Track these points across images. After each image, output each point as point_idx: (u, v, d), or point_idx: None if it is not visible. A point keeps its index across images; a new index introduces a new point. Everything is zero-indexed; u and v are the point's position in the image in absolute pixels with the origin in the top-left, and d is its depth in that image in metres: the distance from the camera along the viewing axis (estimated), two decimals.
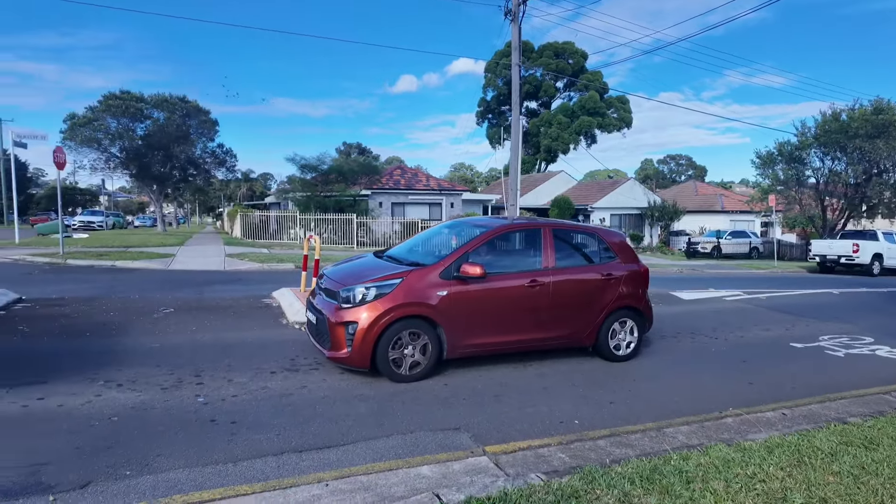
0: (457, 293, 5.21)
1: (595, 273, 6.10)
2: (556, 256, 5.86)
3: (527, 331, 5.67)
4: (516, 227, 6.39)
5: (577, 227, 6.81)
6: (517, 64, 17.48)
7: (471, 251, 5.45)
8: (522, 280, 5.60)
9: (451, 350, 5.27)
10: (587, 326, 5.99)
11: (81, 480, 3.03)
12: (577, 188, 41.24)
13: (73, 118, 30.74)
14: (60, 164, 14.44)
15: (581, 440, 3.99)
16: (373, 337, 4.89)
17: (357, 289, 5.09)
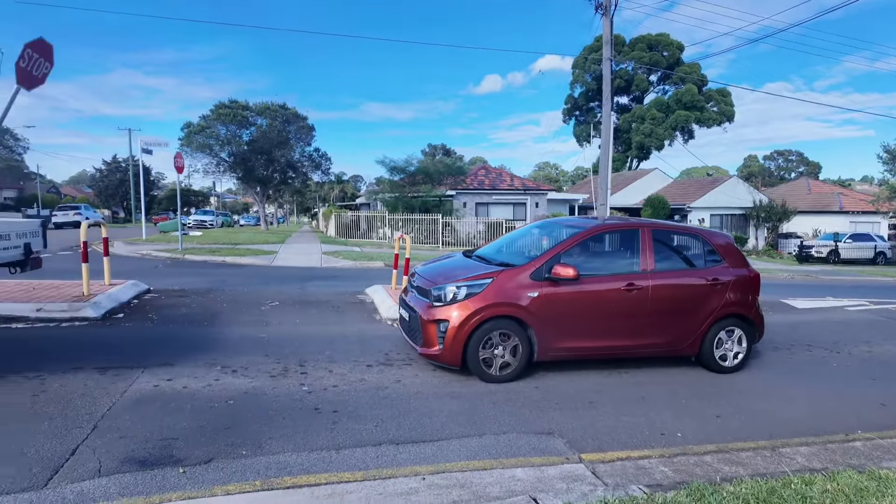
0: (548, 295, 5.13)
1: (699, 278, 5.73)
2: (655, 259, 5.57)
3: (622, 337, 5.46)
4: (612, 227, 6.17)
5: (678, 228, 6.37)
6: (608, 58, 16.88)
7: (563, 252, 5.34)
8: (618, 283, 5.38)
9: (542, 352, 5.19)
10: (689, 335, 5.65)
11: (206, 456, 3.34)
12: (673, 186, 39.05)
13: (188, 126, 33.98)
14: (180, 168, 16.01)
15: (685, 454, 3.78)
16: (463, 335, 4.94)
17: (448, 287, 5.17)
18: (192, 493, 2.90)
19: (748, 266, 6.05)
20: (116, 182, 54.36)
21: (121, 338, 6.00)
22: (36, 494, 2.81)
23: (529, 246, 6.40)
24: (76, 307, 6.74)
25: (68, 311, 6.65)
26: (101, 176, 56.26)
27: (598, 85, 45.01)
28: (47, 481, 2.94)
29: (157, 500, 2.82)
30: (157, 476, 3.06)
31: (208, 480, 3.05)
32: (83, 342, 5.73)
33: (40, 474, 3.00)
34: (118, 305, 7.40)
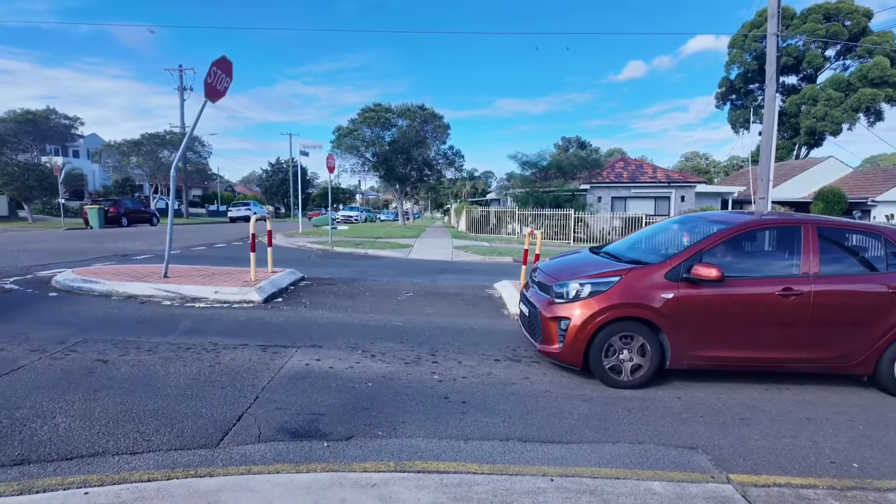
0: (685, 297, 4.70)
1: (877, 284, 4.87)
2: (820, 261, 4.85)
3: (774, 348, 4.83)
4: (767, 223, 5.46)
5: (852, 226, 5.43)
6: (774, 34, 14.90)
7: (705, 250, 4.85)
8: (772, 287, 4.76)
9: (675, 360, 4.79)
10: (861, 350, 4.83)
11: (347, 433, 3.62)
12: (852, 177, 33.42)
13: (339, 129, 37.07)
14: (331, 168, 17.54)
15: (863, 489, 3.22)
16: (586, 335, 4.73)
17: (571, 284, 4.96)
18: (334, 467, 3.15)
19: None
20: (279, 181, 61.38)
21: (279, 320, 6.74)
22: (210, 452, 3.27)
23: (667, 243, 5.88)
24: (244, 291, 7.72)
25: (238, 294, 7.65)
26: (266, 176, 63.97)
27: (759, 65, 40.14)
28: (219, 441, 3.40)
29: (305, 469, 3.11)
30: (305, 447, 3.38)
31: (348, 456, 3.30)
32: (249, 322, 6.55)
33: (214, 434, 3.48)
34: (278, 291, 8.34)
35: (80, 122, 36.60)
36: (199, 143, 42.02)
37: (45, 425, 3.46)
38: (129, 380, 4.34)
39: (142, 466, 3.04)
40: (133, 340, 5.43)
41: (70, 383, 4.19)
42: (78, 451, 3.16)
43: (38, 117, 33.34)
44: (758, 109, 32.95)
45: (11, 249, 13.34)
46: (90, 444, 3.26)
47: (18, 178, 27.84)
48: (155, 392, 4.11)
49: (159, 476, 2.93)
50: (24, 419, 3.53)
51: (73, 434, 3.37)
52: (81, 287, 7.80)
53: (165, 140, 38.90)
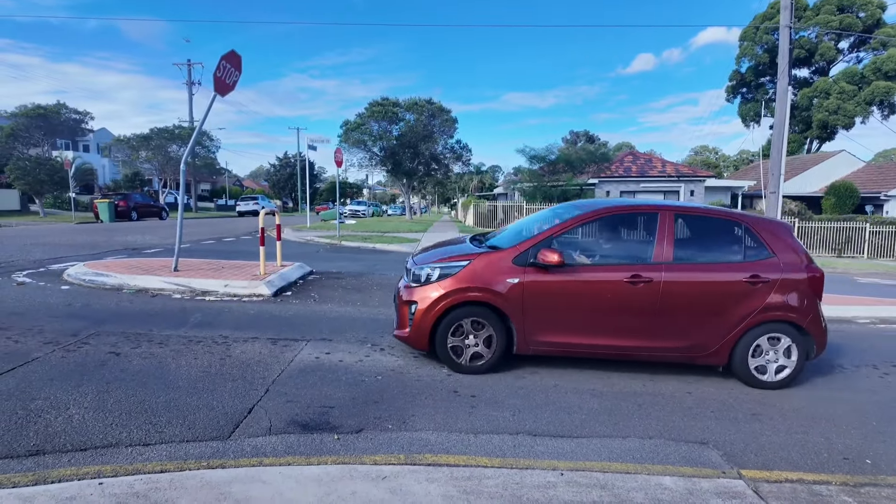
0: (532, 282, 4.66)
1: (734, 273, 4.77)
2: (675, 248, 4.78)
3: (624, 335, 4.76)
4: (624, 209, 5.29)
5: (713, 213, 5.24)
6: (787, 26, 14.69)
7: (556, 235, 4.81)
8: (621, 274, 4.69)
9: (522, 345, 4.78)
10: (716, 340, 4.74)
11: (357, 426, 3.63)
12: (865, 171, 33.01)
13: (346, 124, 37.04)
14: (339, 162, 17.55)
15: (876, 485, 3.20)
16: (431, 319, 4.71)
17: (425, 269, 4.95)
18: (345, 459, 3.16)
19: (808, 263, 4.89)
20: (286, 176, 61.49)
21: (288, 313, 6.77)
22: (222, 444, 3.29)
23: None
24: (254, 285, 7.76)
25: (248, 287, 7.69)
26: (274, 170, 64.10)
27: (770, 58, 39.63)
28: (230, 433, 3.42)
29: (316, 461, 3.12)
30: (315, 440, 3.40)
31: (359, 449, 3.31)
32: (259, 315, 6.58)
33: (225, 427, 3.50)
34: (287, 284, 8.37)
35: (90, 117, 36.83)
36: (208, 137, 42.19)
37: (59, 416, 3.50)
38: (141, 372, 4.37)
39: (155, 458, 3.07)
40: (145, 333, 5.47)
41: (83, 375, 4.23)
42: (92, 442, 3.19)
43: (48, 112, 33.60)
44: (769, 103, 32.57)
45: (24, 243, 13.48)
46: (104, 435, 3.29)
47: (30, 173, 28.08)
48: (167, 384, 4.14)
49: (172, 467, 2.96)
50: (38, 410, 3.57)
51: (87, 425, 3.40)
52: (93, 280, 7.87)
53: (174, 134, 39.09)
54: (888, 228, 21.67)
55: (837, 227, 22.14)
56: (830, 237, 22.19)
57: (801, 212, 24.04)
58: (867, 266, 18.03)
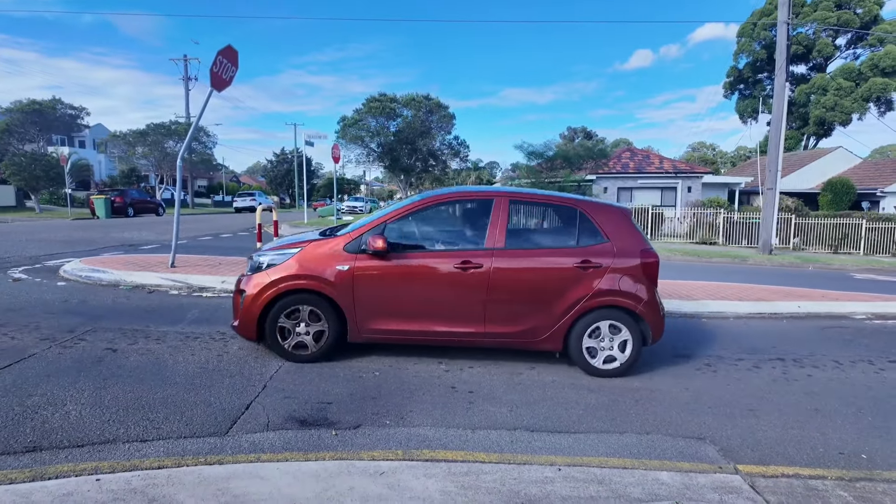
0: (362, 269, 4.60)
1: (564, 258, 4.73)
2: (508, 234, 4.74)
3: (455, 322, 4.71)
4: (460, 196, 5.26)
5: (548, 199, 5.14)
6: (785, 22, 14.70)
7: (389, 222, 4.77)
8: (451, 261, 4.65)
9: (354, 333, 4.72)
10: (547, 326, 4.70)
11: (355, 422, 3.63)
12: (861, 168, 33.09)
13: (344, 120, 36.99)
14: (336, 158, 17.52)
15: (871, 480, 3.21)
16: (258, 307, 4.60)
17: (259, 257, 4.86)
18: (343, 455, 3.16)
19: (644, 248, 4.85)
20: (283, 172, 61.37)
21: None
22: (220, 440, 3.29)
23: None
24: None
25: None
26: (271, 166, 63.95)
27: (768, 54, 39.63)
28: (228, 429, 3.42)
29: (313, 457, 3.13)
30: (313, 436, 3.40)
31: (356, 445, 3.31)
32: None
33: (223, 423, 3.50)
34: None
35: (85, 113, 36.69)
36: (205, 133, 42.02)
37: (56, 413, 3.49)
38: (138, 368, 4.37)
39: (152, 454, 3.06)
40: (142, 329, 5.46)
41: (80, 371, 4.22)
42: (89, 439, 3.19)
43: (44, 107, 33.43)
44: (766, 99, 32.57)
45: (20, 239, 13.43)
46: (101, 431, 3.29)
47: (25, 169, 27.95)
48: (164, 380, 4.13)
49: (169, 463, 2.96)
50: (35, 406, 3.56)
51: (84, 421, 3.39)
52: (90, 276, 7.85)
53: (171, 130, 38.93)
54: (884, 224, 21.75)
55: (834, 224, 22.20)
56: (827, 233, 22.24)
57: (797, 208, 24.08)
58: (863, 262, 18.09)
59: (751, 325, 7.14)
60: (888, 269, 16.22)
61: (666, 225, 24.38)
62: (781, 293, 8.97)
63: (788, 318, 7.63)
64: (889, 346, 6.29)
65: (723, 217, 22.81)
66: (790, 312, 7.76)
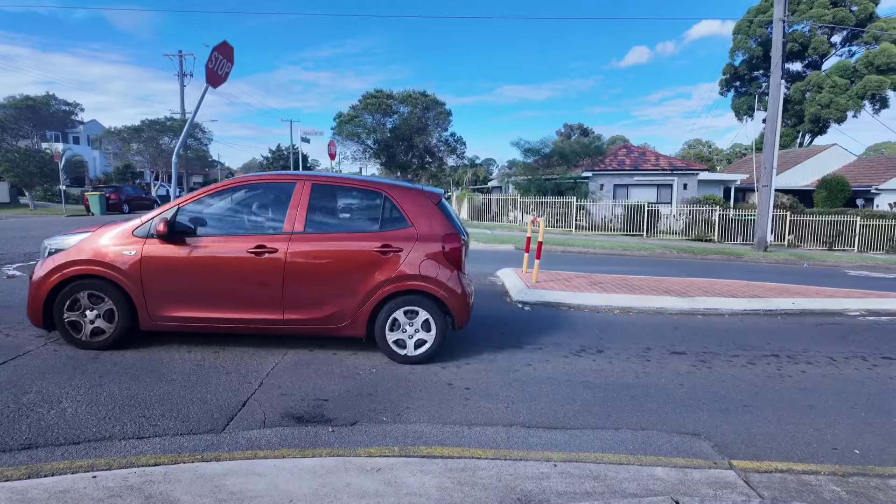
0: (151, 254, 4.49)
1: (365, 243, 4.67)
2: (308, 218, 4.67)
3: (253, 309, 4.62)
4: (261, 180, 5.21)
5: (354, 184, 5.06)
6: (780, 19, 14.73)
7: (185, 205, 4.66)
8: (246, 244, 4.55)
9: (146, 321, 4.60)
10: (350, 311, 4.64)
11: (351, 418, 3.64)
12: (856, 165, 33.25)
13: (340, 116, 36.89)
14: (333, 154, 17.51)
15: (864, 475, 3.24)
16: (42, 294, 4.48)
17: (46, 242, 4.79)
18: (339, 452, 3.17)
19: (449, 234, 4.79)
20: (279, 168, 61.14)
21: None
22: (216, 437, 3.29)
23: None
24: None
25: None
26: (267, 163, 63.66)
27: (764, 51, 39.69)
28: (225, 426, 3.42)
29: (310, 453, 3.13)
30: (310, 432, 3.40)
31: (353, 441, 3.32)
32: None
33: (219, 420, 3.50)
34: None
35: (79, 109, 36.47)
36: (200, 129, 41.81)
37: (51, 410, 3.48)
38: (133, 365, 4.36)
39: (148, 451, 3.06)
40: None
41: (76, 369, 4.21)
42: (85, 436, 3.18)
43: (38, 103, 33.21)
44: (762, 96, 32.70)
45: (14, 236, 13.36)
46: (97, 428, 3.28)
47: (19, 165, 27.75)
48: (160, 378, 4.13)
49: (166, 460, 2.96)
50: (31, 404, 3.55)
51: (80, 419, 3.39)
52: None
53: (166, 126, 38.71)
54: (878, 222, 21.87)
55: (829, 221, 22.32)
56: (822, 230, 22.36)
57: (793, 205, 24.19)
58: (857, 259, 18.21)
59: (746, 322, 7.18)
60: (882, 266, 16.33)
61: (662, 222, 24.45)
62: (776, 290, 9.02)
63: (783, 314, 7.68)
64: (882, 343, 6.33)
65: (718, 214, 22.90)
66: (785, 309, 7.81)
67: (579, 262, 13.10)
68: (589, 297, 7.75)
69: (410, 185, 5.12)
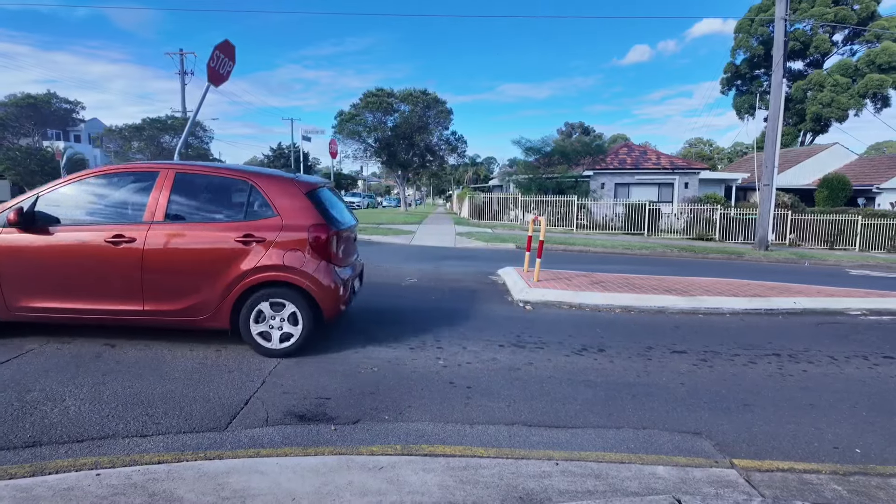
0: (6, 244, 4.46)
1: (227, 232, 4.59)
2: (169, 208, 4.61)
3: (112, 300, 4.55)
4: (124, 169, 5.09)
5: (219, 172, 4.95)
6: (782, 17, 14.70)
7: (45, 193, 4.61)
8: (104, 234, 4.48)
9: (3, 312, 4.57)
10: (213, 302, 4.58)
11: (353, 417, 3.65)
12: (857, 164, 33.17)
13: (341, 114, 36.85)
14: (334, 153, 17.51)
15: (865, 474, 3.24)
16: None
17: None
18: (342, 450, 3.18)
19: (317, 224, 4.71)
20: (280, 167, 61.16)
21: None
22: (219, 435, 3.30)
23: None
24: None
25: None
26: (268, 161, 63.71)
27: (765, 50, 39.65)
28: (227, 424, 3.43)
29: (313, 452, 3.14)
30: (312, 431, 3.41)
31: (355, 440, 3.33)
32: None
33: (222, 418, 3.51)
34: None
35: (80, 107, 36.50)
36: (201, 127, 41.82)
37: (55, 408, 3.50)
38: (136, 364, 4.37)
39: (152, 449, 3.07)
40: None
41: (79, 367, 4.23)
42: (88, 434, 3.20)
43: (39, 101, 33.22)
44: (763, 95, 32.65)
45: None
46: (100, 426, 3.29)
47: (21, 163, 27.82)
48: (162, 376, 4.14)
49: (169, 458, 2.97)
50: (34, 402, 3.56)
51: (84, 417, 3.40)
52: None
53: (167, 125, 38.73)
54: (879, 221, 21.85)
55: (830, 220, 22.29)
56: (823, 229, 22.34)
57: (794, 204, 24.17)
58: (859, 258, 18.19)
59: (747, 321, 7.18)
60: (883, 266, 16.32)
61: (663, 221, 24.44)
62: (777, 289, 9.01)
63: (784, 313, 7.68)
64: (883, 342, 6.34)
65: (719, 213, 22.88)
66: (786, 308, 7.81)
67: (580, 260, 13.10)
68: (590, 296, 7.76)
69: (282, 174, 5.06)
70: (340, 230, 4.98)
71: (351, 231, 5.48)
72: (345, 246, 5.14)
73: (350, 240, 5.46)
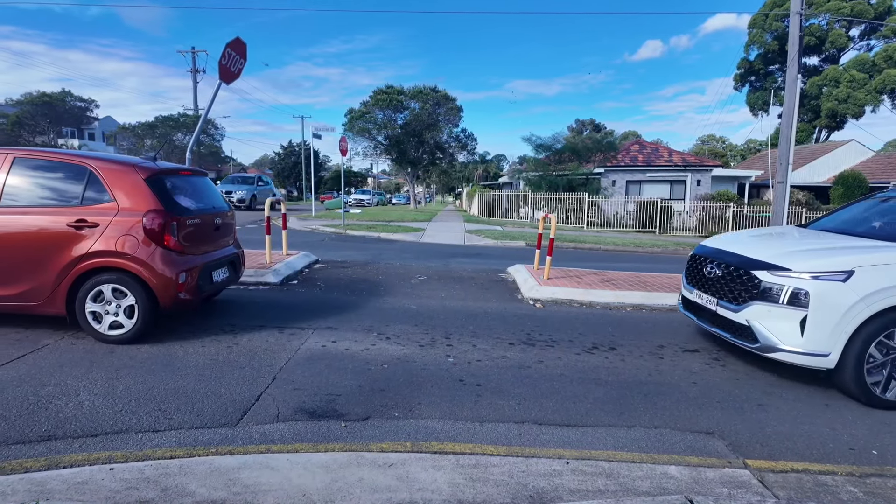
0: None
1: (59, 217, 4.60)
2: (4, 192, 4.65)
3: None
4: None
5: (59, 157, 4.93)
6: (798, 12, 14.46)
7: None
8: None
9: None
10: (45, 289, 4.59)
11: (363, 414, 3.65)
12: (875, 161, 32.61)
13: (351, 112, 36.93)
14: (344, 151, 17.52)
15: (882, 475, 3.19)
16: None
17: None
18: (352, 447, 3.19)
19: (154, 210, 4.67)
20: (291, 164, 61.49)
21: (295, 301, 6.80)
22: (230, 430, 3.32)
23: None
24: (261, 273, 7.79)
25: (255, 276, 7.72)
26: (279, 159, 64.08)
27: (780, 45, 39.10)
28: (238, 420, 3.45)
29: (323, 448, 3.15)
30: (322, 427, 3.43)
31: (365, 437, 3.33)
32: (266, 304, 6.61)
33: (234, 414, 3.54)
34: (293, 273, 8.40)
35: (94, 105, 36.93)
36: (213, 125, 42.18)
37: (69, 402, 3.54)
38: (149, 359, 4.41)
39: (164, 444, 3.10)
40: None
41: (93, 362, 4.28)
42: (102, 428, 3.23)
43: (54, 100, 33.66)
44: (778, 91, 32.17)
45: None
46: (114, 421, 3.33)
47: None
48: (175, 372, 4.18)
49: (181, 453, 2.99)
50: (49, 396, 3.61)
51: (97, 411, 3.44)
52: None
53: (179, 122, 39.10)
54: None
55: None
56: None
57: (809, 202, 23.85)
58: None
59: None
60: None
61: (675, 218, 24.23)
62: None
63: None
64: None
65: (732, 211, 22.64)
66: None
67: (591, 258, 13.02)
68: (601, 293, 7.70)
69: (123, 159, 5.05)
70: (184, 216, 4.94)
71: (211, 217, 5.43)
72: (193, 232, 5.07)
73: (208, 226, 5.38)
